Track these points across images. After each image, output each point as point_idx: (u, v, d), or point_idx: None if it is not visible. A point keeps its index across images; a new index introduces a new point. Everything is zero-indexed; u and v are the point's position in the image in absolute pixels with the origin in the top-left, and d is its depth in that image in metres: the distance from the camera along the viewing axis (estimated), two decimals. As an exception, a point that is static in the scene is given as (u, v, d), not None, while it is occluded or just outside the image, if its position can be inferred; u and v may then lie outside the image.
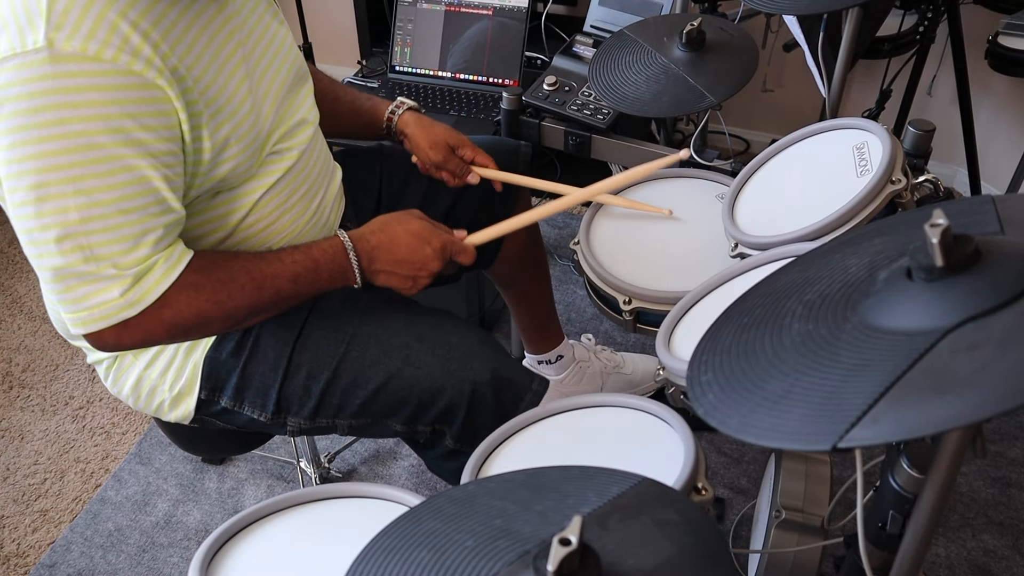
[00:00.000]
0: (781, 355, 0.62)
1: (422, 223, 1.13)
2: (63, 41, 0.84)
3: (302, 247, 1.08)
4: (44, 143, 0.86)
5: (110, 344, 0.98)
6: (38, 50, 0.84)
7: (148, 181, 0.91)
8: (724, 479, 1.70)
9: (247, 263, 1.03)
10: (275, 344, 1.12)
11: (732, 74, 1.34)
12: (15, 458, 1.83)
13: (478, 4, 2.05)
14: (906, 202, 1.09)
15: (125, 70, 0.87)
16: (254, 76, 1.05)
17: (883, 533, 0.83)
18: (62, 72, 0.84)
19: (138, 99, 0.89)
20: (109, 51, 0.86)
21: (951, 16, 1.89)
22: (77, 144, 0.86)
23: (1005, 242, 0.60)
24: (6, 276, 2.32)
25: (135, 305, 0.95)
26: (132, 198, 0.91)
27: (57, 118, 0.85)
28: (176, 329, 1.00)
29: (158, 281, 0.95)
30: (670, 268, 1.31)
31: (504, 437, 1.03)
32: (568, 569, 0.54)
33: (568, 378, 1.73)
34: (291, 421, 1.15)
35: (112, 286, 0.93)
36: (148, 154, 0.90)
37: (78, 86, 0.85)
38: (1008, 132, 2.25)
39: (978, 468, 1.70)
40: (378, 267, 1.10)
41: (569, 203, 1.31)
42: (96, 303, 0.94)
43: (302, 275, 1.06)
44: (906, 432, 0.51)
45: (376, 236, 1.11)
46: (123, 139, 0.88)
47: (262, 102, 1.05)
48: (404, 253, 1.10)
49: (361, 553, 0.65)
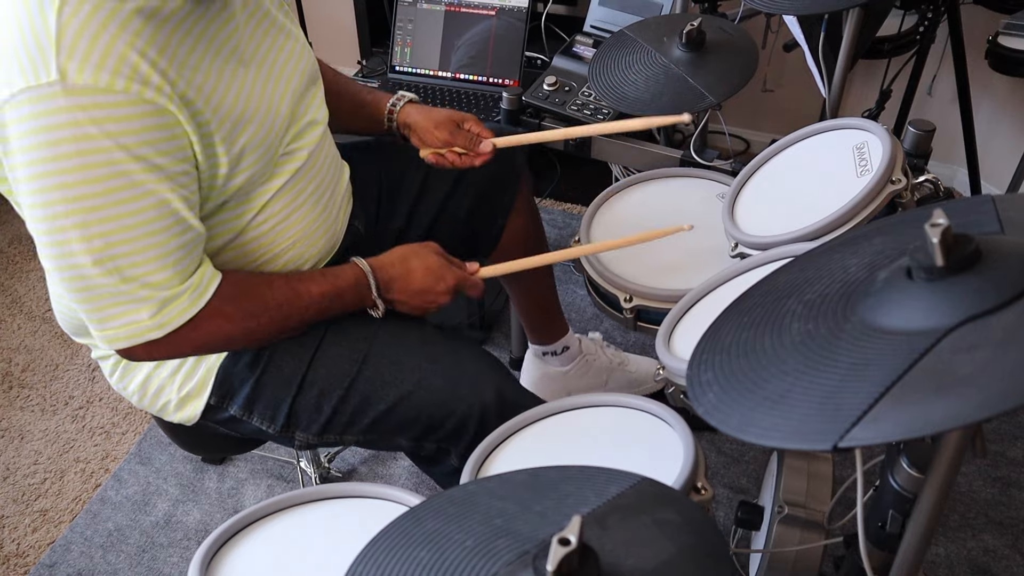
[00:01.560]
0: (781, 355, 0.62)
1: (439, 260, 1.17)
2: (75, 73, 0.86)
3: (328, 276, 1.12)
4: (65, 175, 0.88)
5: (141, 357, 1.03)
6: (51, 83, 0.85)
7: (168, 203, 0.94)
8: (724, 479, 1.70)
9: (277, 294, 1.07)
10: (291, 360, 1.13)
11: (732, 74, 1.34)
12: (15, 458, 1.83)
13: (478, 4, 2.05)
14: (906, 202, 1.09)
15: (137, 99, 0.89)
16: (268, 82, 1.06)
17: (883, 533, 0.83)
18: (76, 105, 0.86)
19: (152, 126, 0.91)
20: (120, 81, 0.88)
21: (951, 16, 1.89)
22: (97, 175, 0.89)
23: (1005, 242, 0.60)
24: (6, 276, 2.32)
25: (163, 328, 0.98)
26: (154, 221, 0.93)
27: (76, 150, 0.87)
28: (201, 349, 1.05)
29: (186, 309, 0.98)
30: (670, 266, 1.31)
31: (504, 437, 1.03)
32: (567, 569, 0.54)
33: (574, 371, 1.73)
34: (299, 435, 1.16)
35: (142, 308, 0.96)
36: (167, 177, 0.93)
37: (93, 118, 0.87)
38: (1008, 132, 2.25)
39: (978, 468, 1.70)
40: (392, 296, 1.15)
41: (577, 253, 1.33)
42: (125, 323, 0.97)
43: (326, 306, 1.10)
44: (906, 432, 0.51)
45: (396, 268, 1.14)
46: (142, 166, 0.90)
47: (277, 107, 1.07)
48: (419, 287, 1.15)
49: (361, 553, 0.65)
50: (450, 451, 1.16)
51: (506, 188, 1.43)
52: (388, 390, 1.12)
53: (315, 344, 1.14)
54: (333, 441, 1.17)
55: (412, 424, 1.13)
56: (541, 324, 1.70)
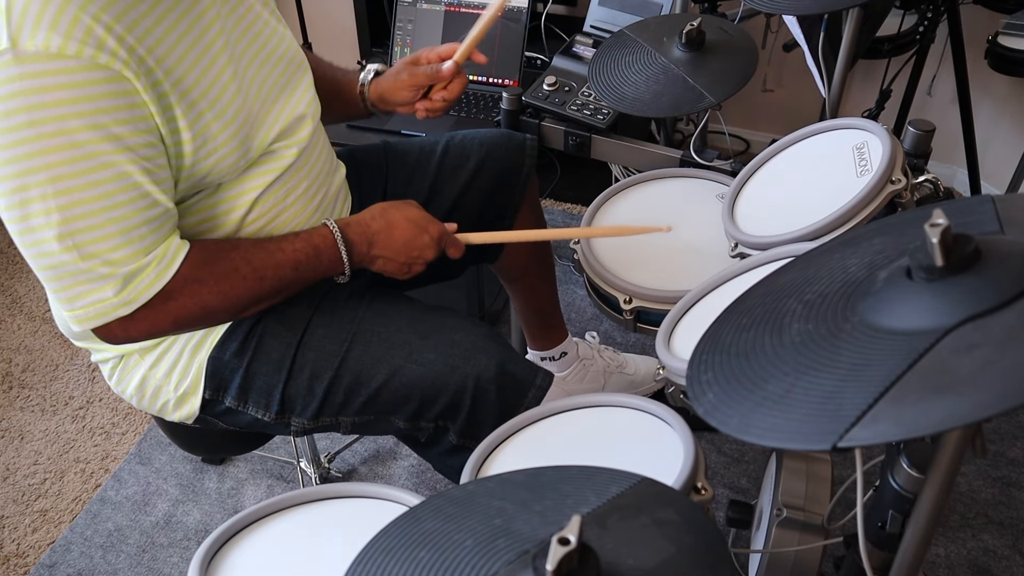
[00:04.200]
0: (781, 355, 0.62)
1: (419, 211, 1.15)
2: (26, 40, 0.84)
3: (302, 234, 1.09)
4: (20, 146, 0.86)
5: (120, 337, 1.00)
6: (2, 52, 0.84)
7: (128, 176, 0.91)
8: (724, 479, 1.70)
9: (248, 254, 1.04)
10: (279, 344, 1.12)
11: (732, 74, 1.34)
12: (15, 458, 1.83)
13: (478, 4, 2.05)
14: (906, 202, 1.09)
15: (91, 64, 0.86)
16: (239, 65, 1.04)
17: (883, 533, 0.83)
18: (28, 72, 0.84)
19: (108, 93, 0.88)
20: (72, 45, 0.85)
21: (951, 16, 1.89)
22: (53, 144, 0.86)
23: (1005, 242, 0.60)
24: (6, 276, 2.32)
25: (130, 304, 0.95)
26: (114, 194, 0.91)
27: (29, 120, 0.85)
28: (180, 321, 1.01)
29: (152, 281, 0.96)
30: (670, 268, 1.31)
31: (504, 437, 1.03)
32: (567, 569, 0.54)
33: (571, 375, 1.73)
34: (295, 421, 1.15)
35: (106, 286, 0.94)
36: (126, 148, 0.90)
37: (46, 86, 0.85)
38: (1008, 132, 2.25)
39: (978, 468, 1.70)
40: (377, 252, 1.12)
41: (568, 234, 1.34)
42: (91, 301, 0.94)
43: (303, 262, 1.07)
44: (906, 432, 0.51)
45: (376, 221, 1.12)
46: (99, 135, 0.88)
47: (250, 92, 1.05)
48: (403, 239, 1.12)
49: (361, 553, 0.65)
50: (448, 428, 1.15)
51: (513, 191, 1.43)
52: (379, 367, 1.11)
53: (302, 327, 1.12)
54: (329, 425, 1.16)
55: (406, 401, 1.12)
56: (541, 330, 1.70)
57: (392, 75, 1.30)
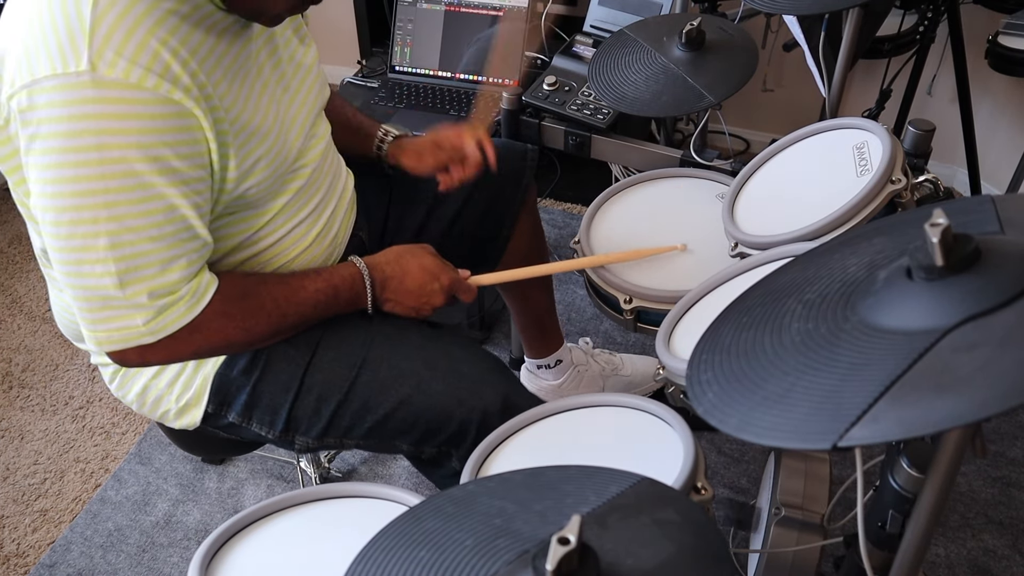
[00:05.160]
0: (781, 354, 0.62)
1: (434, 260, 1.17)
2: (106, 67, 0.85)
3: (324, 274, 1.11)
4: (81, 167, 0.87)
5: (133, 361, 1.01)
6: (80, 73, 0.84)
7: (177, 209, 0.93)
8: (724, 479, 1.70)
9: (274, 291, 1.07)
10: (287, 365, 1.12)
11: (732, 74, 1.34)
12: (15, 458, 1.83)
13: (478, 4, 2.05)
14: (906, 202, 1.09)
15: (165, 99, 0.88)
16: (283, 100, 1.06)
17: (883, 533, 0.83)
18: (104, 98, 0.85)
19: (175, 128, 0.90)
20: (151, 79, 0.87)
21: (951, 16, 1.89)
22: (114, 171, 0.88)
23: (1005, 242, 0.60)
24: (6, 276, 2.32)
25: (156, 334, 0.97)
26: (161, 225, 0.92)
27: (97, 143, 0.86)
28: (200, 352, 1.04)
29: (182, 315, 0.98)
30: (670, 267, 1.31)
31: (504, 437, 1.03)
32: (567, 568, 0.54)
33: (567, 383, 1.73)
34: (299, 440, 1.15)
35: (137, 314, 0.95)
36: (181, 182, 0.92)
37: (119, 113, 0.86)
38: (1008, 132, 2.25)
39: (978, 468, 1.70)
40: (388, 296, 1.14)
41: (581, 264, 1.33)
42: (118, 327, 0.96)
43: (323, 302, 1.10)
44: (906, 431, 0.51)
45: (391, 267, 1.14)
46: (159, 167, 0.89)
47: (290, 126, 1.07)
48: (414, 286, 1.14)
49: (361, 553, 0.65)
50: (451, 454, 1.15)
51: (514, 198, 1.44)
52: (387, 395, 1.12)
53: (311, 349, 1.13)
54: (333, 445, 1.17)
55: (412, 429, 1.13)
56: (536, 338, 1.71)
57: (415, 152, 1.32)
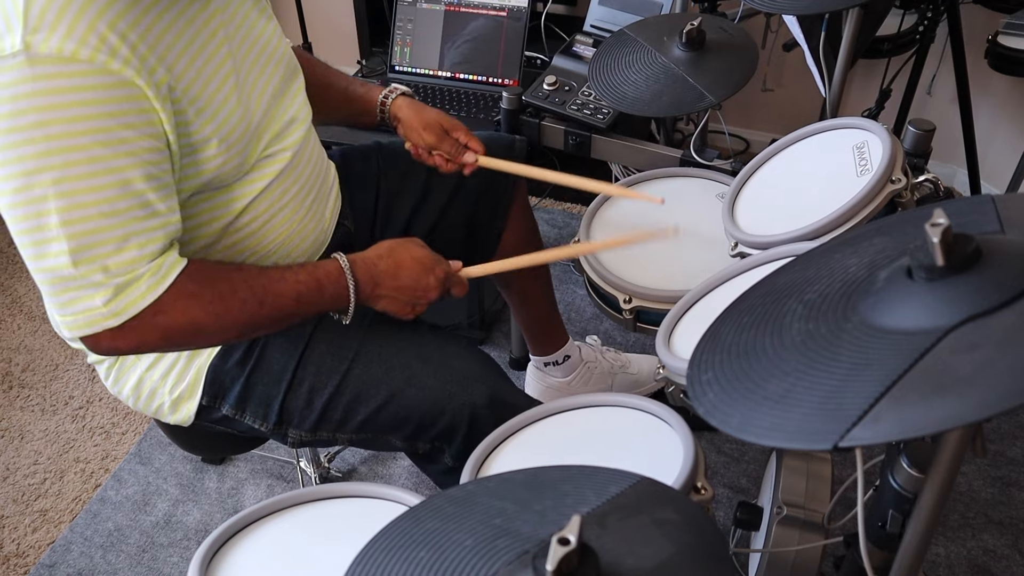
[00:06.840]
0: (781, 354, 0.62)
1: (426, 251, 1.13)
2: (40, 44, 0.84)
3: (307, 266, 1.07)
4: (26, 146, 0.86)
5: (106, 347, 0.97)
6: (15, 54, 0.84)
7: (130, 184, 0.90)
8: (724, 479, 1.69)
9: (250, 277, 1.02)
10: (280, 357, 1.12)
11: (732, 74, 1.34)
12: (15, 458, 1.83)
13: (478, 4, 2.05)
14: (906, 202, 1.09)
15: (102, 69, 0.87)
16: (241, 73, 1.04)
17: (883, 532, 0.83)
18: (40, 74, 0.84)
19: (117, 98, 0.88)
20: (85, 51, 0.86)
21: (951, 16, 1.89)
22: (59, 146, 0.86)
23: (1005, 242, 0.60)
24: (6, 276, 2.32)
25: (118, 315, 0.94)
26: (113, 201, 0.90)
27: (39, 120, 0.85)
28: (171, 337, 0.98)
29: (143, 294, 0.94)
30: (670, 267, 1.31)
31: (504, 437, 1.03)
32: (567, 568, 0.54)
33: (576, 379, 1.73)
34: (292, 433, 1.15)
35: (96, 294, 0.92)
36: (129, 152, 0.90)
37: (57, 88, 0.85)
38: (1008, 132, 2.25)
39: (978, 468, 1.70)
40: (381, 292, 1.10)
41: (571, 253, 1.33)
42: (80, 309, 0.93)
43: (305, 295, 1.05)
44: (906, 431, 0.51)
45: (384, 261, 1.10)
46: (104, 139, 0.88)
47: (251, 99, 1.05)
48: (408, 280, 1.11)
49: (361, 553, 0.65)
50: (444, 450, 1.15)
51: (504, 191, 1.43)
52: (379, 388, 1.11)
53: (304, 341, 1.12)
54: (326, 439, 1.16)
55: (404, 423, 1.13)
56: (541, 335, 1.70)
57: (419, 119, 1.31)
